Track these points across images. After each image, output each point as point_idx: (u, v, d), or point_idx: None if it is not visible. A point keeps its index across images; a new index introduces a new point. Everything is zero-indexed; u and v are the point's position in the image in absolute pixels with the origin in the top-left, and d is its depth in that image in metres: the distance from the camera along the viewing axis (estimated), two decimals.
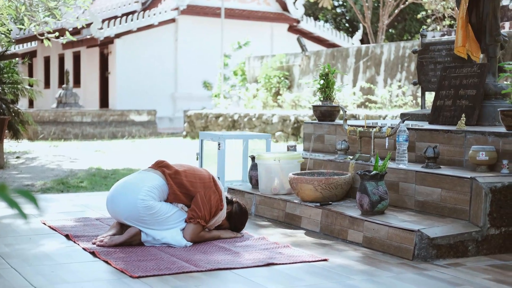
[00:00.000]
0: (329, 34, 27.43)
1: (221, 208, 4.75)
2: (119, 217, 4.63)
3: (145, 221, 4.54)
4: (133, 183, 4.63)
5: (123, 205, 4.57)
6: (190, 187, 4.68)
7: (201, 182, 4.72)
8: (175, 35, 24.75)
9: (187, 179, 4.70)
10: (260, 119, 15.66)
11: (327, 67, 6.51)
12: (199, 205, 4.63)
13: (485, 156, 4.71)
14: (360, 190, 4.75)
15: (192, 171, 4.79)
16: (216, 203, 4.71)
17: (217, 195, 4.73)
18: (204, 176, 4.79)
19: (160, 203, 4.59)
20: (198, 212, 4.61)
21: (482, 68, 5.79)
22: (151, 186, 4.59)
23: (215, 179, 4.82)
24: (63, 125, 19.22)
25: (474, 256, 4.34)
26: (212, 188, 4.73)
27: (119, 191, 4.65)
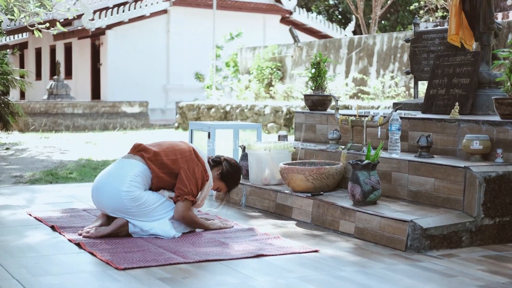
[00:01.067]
0: (322, 25, 27.31)
1: (207, 179, 4.60)
2: (105, 210, 4.52)
3: (132, 213, 4.43)
4: (114, 175, 4.49)
5: (107, 199, 4.45)
6: (172, 165, 4.53)
7: (182, 157, 4.56)
8: (167, 26, 24.59)
9: (168, 157, 4.55)
10: (252, 110, 15.55)
11: (319, 56, 6.41)
12: (184, 181, 4.49)
13: (479, 145, 4.62)
14: (352, 180, 4.66)
15: (171, 148, 4.62)
16: (201, 175, 4.56)
17: (200, 167, 4.57)
18: (184, 150, 4.62)
19: (146, 193, 4.47)
20: (184, 189, 4.47)
21: (475, 57, 5.69)
22: (133, 175, 4.45)
23: (196, 150, 4.65)
24: (54, 116, 19.05)
25: (468, 247, 4.26)
26: (194, 160, 4.57)
27: (102, 184, 4.51)
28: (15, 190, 6.63)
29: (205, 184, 4.62)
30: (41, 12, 12.90)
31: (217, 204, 5.40)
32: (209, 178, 4.63)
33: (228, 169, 4.80)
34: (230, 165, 4.82)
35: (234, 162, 4.88)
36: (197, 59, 23.82)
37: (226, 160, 4.84)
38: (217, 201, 4.89)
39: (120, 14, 23.75)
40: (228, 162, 4.82)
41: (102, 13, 23.69)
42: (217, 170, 4.78)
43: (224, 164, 4.80)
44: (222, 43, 21.53)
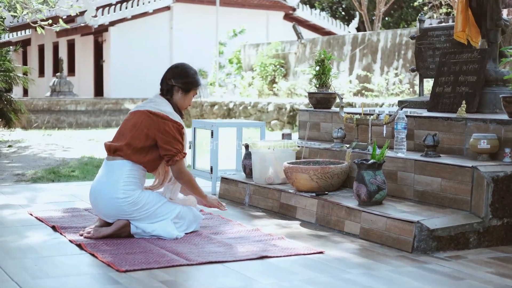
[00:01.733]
0: (325, 22, 27.20)
1: (182, 128, 4.42)
2: (105, 219, 4.43)
3: (134, 217, 4.35)
4: (106, 183, 4.35)
5: (106, 209, 4.34)
6: (148, 142, 4.36)
7: (148, 126, 4.36)
8: (170, 22, 24.52)
9: (140, 138, 4.36)
10: (256, 107, 15.48)
11: (323, 53, 6.33)
12: (164, 146, 4.33)
13: (486, 144, 4.54)
14: (357, 179, 4.58)
15: (134, 128, 4.40)
16: (175, 129, 4.36)
17: (167, 122, 4.36)
18: (143, 119, 4.39)
19: (145, 194, 4.36)
20: (169, 152, 4.33)
21: (482, 54, 5.61)
22: (125, 178, 4.33)
23: (152, 110, 4.40)
24: (57, 113, 19.00)
25: (476, 248, 4.18)
26: (159, 121, 4.36)
27: (97, 196, 4.39)
28: (16, 189, 6.57)
29: (183, 132, 4.44)
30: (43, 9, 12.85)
31: None
32: (183, 126, 4.43)
33: (184, 81, 4.52)
34: (180, 75, 4.53)
35: (177, 70, 4.56)
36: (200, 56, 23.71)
37: (172, 78, 4.53)
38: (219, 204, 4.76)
39: (123, 10, 23.67)
40: (175, 78, 4.52)
41: (105, 9, 23.63)
42: (178, 91, 4.53)
43: (176, 83, 4.51)
44: (225, 40, 21.47)
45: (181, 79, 4.54)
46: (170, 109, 4.48)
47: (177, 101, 4.56)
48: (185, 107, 4.62)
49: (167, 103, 4.52)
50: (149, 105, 4.48)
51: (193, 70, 4.64)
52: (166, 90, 4.57)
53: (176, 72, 4.57)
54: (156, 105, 4.47)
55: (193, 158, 6.65)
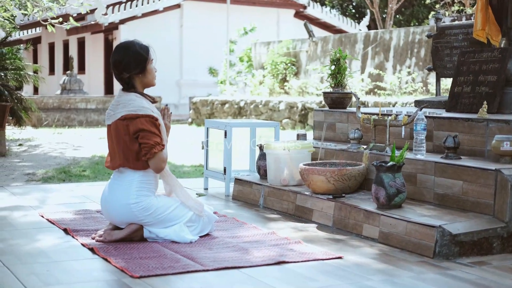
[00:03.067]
0: (336, 20, 27.05)
1: (156, 119, 4.22)
2: (118, 225, 4.33)
3: (146, 222, 4.25)
4: (119, 189, 4.25)
5: (117, 215, 4.24)
6: (134, 145, 4.19)
7: (126, 133, 4.19)
8: (180, 20, 24.43)
9: (129, 148, 4.20)
10: (267, 106, 15.37)
11: (339, 52, 6.21)
12: (142, 141, 4.16)
13: (510, 146, 4.41)
14: (376, 182, 4.46)
15: (118, 142, 4.24)
16: (148, 123, 4.18)
17: (140, 119, 4.15)
18: (119, 129, 4.21)
19: (157, 199, 4.27)
20: (146, 145, 4.15)
21: (503, 53, 5.47)
22: (137, 184, 4.22)
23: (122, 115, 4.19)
24: (67, 112, 18.95)
25: (499, 254, 4.05)
26: (131, 123, 4.17)
27: (109, 201, 4.29)
28: (27, 190, 6.49)
29: (158, 123, 4.25)
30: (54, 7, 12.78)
31: None
32: (156, 117, 4.23)
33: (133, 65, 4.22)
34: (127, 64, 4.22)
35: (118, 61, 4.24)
36: (210, 54, 23.65)
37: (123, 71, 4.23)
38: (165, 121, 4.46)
39: (133, 8, 23.60)
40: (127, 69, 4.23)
41: (115, 7, 23.57)
42: (137, 78, 4.27)
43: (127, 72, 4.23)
44: (235, 38, 21.35)
45: (130, 66, 4.24)
46: (139, 102, 4.24)
47: (142, 86, 4.33)
48: (153, 82, 4.35)
49: (134, 96, 4.27)
50: (118, 111, 4.26)
51: (133, 46, 4.28)
52: (127, 85, 4.31)
53: (122, 63, 4.25)
54: (124, 107, 4.24)
55: (205, 158, 6.54)
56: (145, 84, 4.36)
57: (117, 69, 4.29)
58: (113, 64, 4.30)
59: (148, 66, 4.32)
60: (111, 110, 4.33)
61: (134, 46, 4.30)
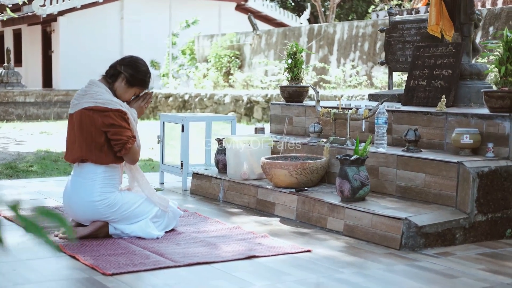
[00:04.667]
0: (277, 13, 27.12)
1: (125, 114, 4.17)
2: (84, 223, 4.25)
3: (112, 219, 4.18)
4: (82, 187, 4.16)
5: (82, 213, 4.16)
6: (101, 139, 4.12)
7: (91, 125, 4.12)
8: (121, 13, 24.08)
9: (92, 140, 4.12)
10: (212, 99, 15.32)
11: (295, 46, 6.24)
12: (114, 137, 4.11)
13: (469, 139, 4.51)
14: (340, 175, 4.50)
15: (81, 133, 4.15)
16: (118, 117, 4.12)
17: (108, 113, 4.11)
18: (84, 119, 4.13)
19: (122, 195, 4.20)
20: (119, 141, 4.10)
21: (458, 48, 5.59)
22: (100, 180, 4.15)
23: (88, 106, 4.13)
24: (5, 105, 18.46)
25: (462, 244, 4.15)
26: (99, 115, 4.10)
27: (72, 200, 4.19)
28: None
29: (128, 117, 4.19)
30: None
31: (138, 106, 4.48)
32: (125, 111, 4.17)
33: (131, 72, 4.24)
34: (130, 66, 4.26)
35: (131, 59, 4.32)
36: (152, 47, 23.38)
37: (122, 64, 4.26)
38: (142, 104, 4.39)
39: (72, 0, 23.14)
40: (125, 66, 4.25)
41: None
42: (122, 81, 4.24)
43: (124, 70, 4.24)
44: (177, 31, 21.18)
45: (130, 69, 4.25)
46: (108, 96, 4.19)
47: (117, 90, 4.26)
48: (123, 100, 4.28)
49: (105, 89, 4.21)
50: (85, 101, 4.18)
51: (146, 69, 4.34)
52: (111, 74, 4.27)
53: (128, 61, 4.29)
54: (91, 98, 4.17)
55: (161, 153, 6.48)
56: (117, 90, 4.26)
57: (124, 59, 4.29)
58: (126, 56, 4.33)
59: (134, 89, 4.30)
60: (76, 99, 4.23)
61: (147, 72, 4.35)
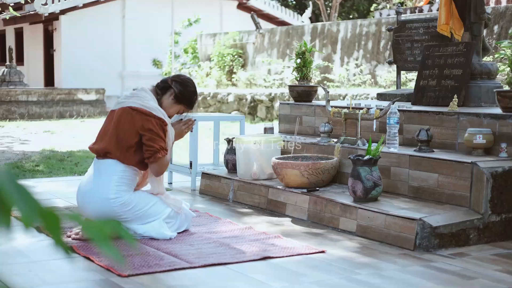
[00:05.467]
0: (279, 12, 27.10)
1: (165, 125, 4.22)
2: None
3: (125, 218, 4.17)
4: (98, 183, 4.17)
5: (95, 210, 4.13)
6: (133, 140, 4.16)
7: (130, 124, 4.18)
8: (123, 11, 24.05)
9: (125, 137, 4.17)
10: (215, 98, 15.30)
11: (304, 45, 6.22)
12: (148, 143, 4.14)
13: (482, 139, 4.50)
14: (352, 176, 4.49)
15: (116, 128, 4.20)
16: (158, 126, 4.17)
17: (150, 119, 4.16)
18: (125, 117, 4.20)
19: (136, 195, 4.20)
20: (151, 148, 4.13)
21: (468, 47, 5.58)
22: (117, 179, 4.15)
23: (134, 106, 4.20)
24: (7, 104, 18.44)
25: (476, 245, 4.14)
26: (142, 117, 4.16)
27: (86, 195, 4.19)
28: None
29: (167, 129, 4.25)
30: None
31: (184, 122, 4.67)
32: (166, 122, 4.23)
33: (181, 89, 4.36)
34: (181, 83, 4.38)
35: (183, 77, 4.46)
36: (153, 45, 23.37)
37: (174, 80, 4.38)
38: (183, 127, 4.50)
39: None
40: (176, 82, 4.37)
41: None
42: (170, 95, 4.36)
43: (174, 86, 4.36)
44: (179, 29, 21.16)
45: (180, 86, 4.37)
46: (154, 104, 4.28)
47: (164, 103, 4.35)
48: (168, 114, 4.36)
49: (152, 98, 4.30)
50: (131, 100, 4.25)
51: (195, 90, 4.46)
52: (161, 87, 4.38)
53: (181, 79, 4.43)
54: (139, 100, 4.24)
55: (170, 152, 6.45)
56: (164, 104, 4.34)
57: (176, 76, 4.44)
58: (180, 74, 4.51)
59: (180, 106, 4.41)
60: (124, 99, 4.31)
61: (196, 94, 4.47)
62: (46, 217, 0.95)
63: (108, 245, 0.99)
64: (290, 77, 14.53)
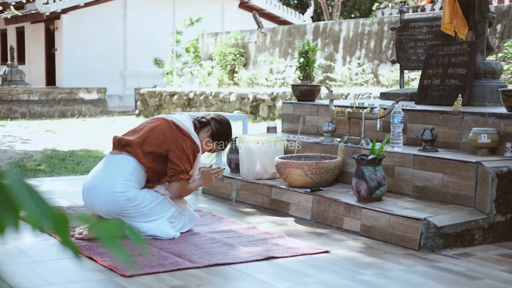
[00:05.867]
0: (281, 11, 27.06)
1: (197, 151, 4.28)
2: (98, 212, 4.22)
3: (128, 214, 4.16)
4: (106, 175, 4.18)
5: (101, 202, 4.15)
6: (160, 150, 4.20)
7: (167, 136, 4.23)
8: (124, 10, 24.03)
9: (153, 143, 4.22)
10: (217, 97, 15.27)
11: (307, 44, 6.20)
12: (174, 161, 4.17)
13: (487, 139, 4.48)
14: (356, 175, 4.46)
15: (152, 131, 4.28)
16: (191, 150, 4.23)
17: (187, 140, 4.23)
18: (165, 127, 4.27)
19: (142, 192, 4.20)
20: (177, 168, 4.17)
21: (472, 46, 5.55)
22: (127, 173, 4.16)
23: (177, 123, 4.29)
24: (9, 103, 18.44)
25: (481, 245, 4.11)
26: (180, 136, 4.23)
27: (93, 187, 4.20)
28: None
29: (197, 156, 4.31)
30: None
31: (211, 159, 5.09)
32: (199, 149, 4.31)
33: (218, 128, 4.48)
34: (219, 123, 4.50)
35: (222, 118, 4.56)
36: (155, 44, 23.33)
37: (213, 118, 4.51)
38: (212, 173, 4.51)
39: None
40: (216, 121, 4.50)
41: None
42: (207, 132, 4.46)
43: (213, 124, 4.47)
44: (181, 29, 21.12)
45: (218, 125, 4.48)
46: (195, 133, 4.37)
47: (200, 138, 4.40)
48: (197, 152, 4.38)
49: (191, 126, 4.40)
50: (175, 117, 4.40)
51: (230, 132, 4.58)
52: (199, 122, 4.48)
53: (220, 118, 4.53)
54: (182, 121, 4.37)
55: None
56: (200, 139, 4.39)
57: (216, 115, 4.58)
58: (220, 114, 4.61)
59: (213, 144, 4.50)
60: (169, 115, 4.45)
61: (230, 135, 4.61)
62: (55, 218, 0.93)
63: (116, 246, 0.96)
64: (292, 76, 14.51)
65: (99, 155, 8.87)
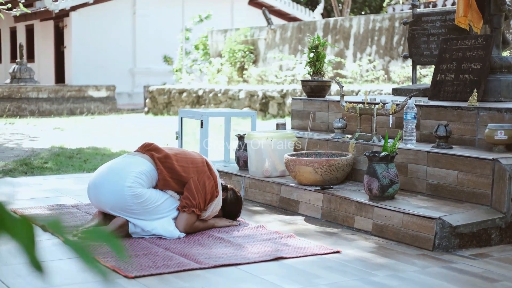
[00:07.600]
0: (290, 8, 26.91)
1: (216, 195, 4.25)
2: (103, 206, 4.12)
3: (133, 210, 4.04)
4: (118, 169, 4.11)
5: (108, 194, 4.06)
6: (182, 173, 4.16)
7: (194, 166, 4.22)
8: (133, 8, 23.93)
9: (179, 163, 4.19)
10: (226, 94, 15.14)
11: (317, 39, 6.06)
12: (192, 192, 4.13)
13: (504, 135, 4.32)
14: (368, 173, 4.32)
15: (183, 155, 4.28)
16: (211, 190, 4.20)
17: (211, 181, 4.22)
18: (197, 160, 4.28)
19: (149, 190, 4.10)
20: (192, 200, 4.11)
21: (487, 40, 5.40)
22: (139, 171, 4.08)
23: (209, 163, 4.32)
24: (18, 101, 18.37)
25: (498, 245, 3.96)
26: (206, 173, 4.23)
27: (103, 178, 4.12)
28: None
29: (214, 200, 4.24)
30: None
31: None
32: (219, 194, 4.28)
33: (232, 199, 4.47)
34: (236, 196, 4.50)
35: (239, 195, 4.55)
36: (164, 42, 23.23)
37: (232, 189, 4.51)
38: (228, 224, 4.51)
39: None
40: (234, 192, 4.50)
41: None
42: (223, 196, 4.43)
43: (230, 193, 4.47)
44: (190, 26, 21.00)
45: (233, 195, 4.47)
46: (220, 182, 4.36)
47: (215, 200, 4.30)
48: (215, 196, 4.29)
49: None
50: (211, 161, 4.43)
51: (240, 208, 4.53)
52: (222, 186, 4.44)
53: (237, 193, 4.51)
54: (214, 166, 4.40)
55: None
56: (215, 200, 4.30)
57: (236, 193, 4.52)
58: (239, 196, 4.54)
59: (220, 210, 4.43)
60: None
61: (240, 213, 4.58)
62: None
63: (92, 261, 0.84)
64: (302, 73, 14.36)
65: (106, 153, 8.76)
